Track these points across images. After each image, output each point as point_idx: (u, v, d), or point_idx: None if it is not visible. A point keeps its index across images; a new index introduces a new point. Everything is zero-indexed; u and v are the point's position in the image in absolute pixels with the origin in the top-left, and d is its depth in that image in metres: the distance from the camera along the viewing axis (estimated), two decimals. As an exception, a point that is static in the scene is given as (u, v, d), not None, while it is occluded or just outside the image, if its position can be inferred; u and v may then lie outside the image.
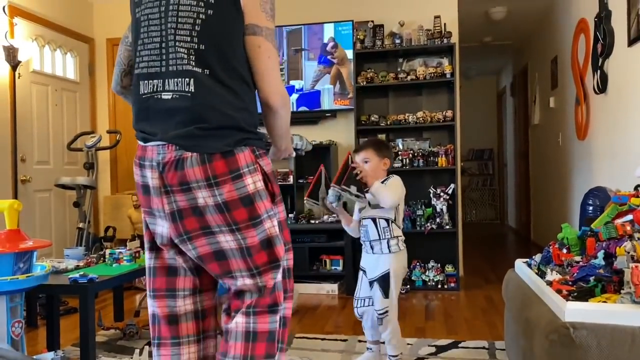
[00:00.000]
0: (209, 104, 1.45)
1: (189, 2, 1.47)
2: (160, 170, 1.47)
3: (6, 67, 4.12)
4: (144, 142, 1.54)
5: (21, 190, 4.28)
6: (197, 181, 1.44)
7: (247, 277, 1.50)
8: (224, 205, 1.44)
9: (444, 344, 2.89)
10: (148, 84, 1.52)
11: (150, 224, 1.57)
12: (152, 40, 1.52)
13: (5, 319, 2.00)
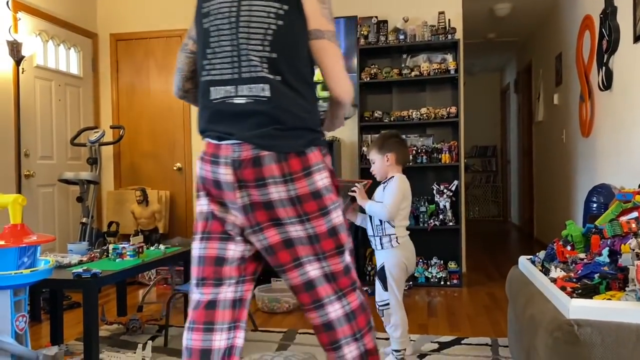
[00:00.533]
0: (283, 107, 1.60)
1: (260, 14, 1.60)
2: (234, 166, 1.59)
3: (10, 62, 4.13)
4: (219, 140, 1.65)
5: (25, 185, 4.29)
6: (273, 177, 1.57)
7: (314, 262, 1.63)
8: (296, 199, 1.59)
9: (447, 341, 2.89)
10: (220, 90, 1.65)
11: (220, 213, 1.68)
12: (223, 49, 1.64)
13: (9, 313, 2.01)
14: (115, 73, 5.31)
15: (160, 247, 3.24)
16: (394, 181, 2.57)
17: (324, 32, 1.65)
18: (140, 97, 5.28)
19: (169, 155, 5.25)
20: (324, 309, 1.64)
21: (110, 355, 2.62)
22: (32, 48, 4.32)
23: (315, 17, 1.64)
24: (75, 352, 2.70)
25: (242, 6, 1.63)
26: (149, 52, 5.25)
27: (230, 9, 1.64)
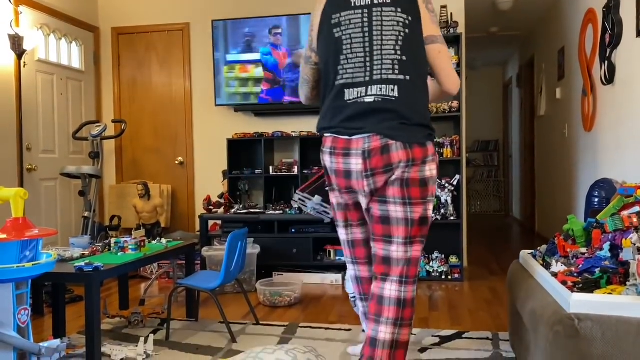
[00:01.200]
0: (410, 105, 1.91)
1: (391, 23, 1.92)
2: (364, 157, 1.91)
3: (11, 56, 4.13)
4: (350, 135, 1.95)
5: (27, 179, 4.30)
6: (400, 162, 1.90)
7: (401, 244, 1.95)
8: (406, 182, 1.91)
9: (448, 335, 2.89)
10: (353, 91, 1.96)
11: (353, 200, 2.07)
12: (356, 55, 1.95)
13: (11, 307, 2.02)
14: (117, 67, 5.31)
15: (162, 241, 3.24)
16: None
17: (437, 37, 1.96)
18: (142, 91, 5.28)
19: (170, 149, 5.25)
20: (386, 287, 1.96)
21: (112, 349, 2.63)
22: (33, 42, 4.32)
23: (429, 25, 1.95)
24: (78, 345, 2.71)
25: (373, 18, 1.93)
26: (151, 46, 5.24)
27: (362, 20, 1.94)
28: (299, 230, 4.31)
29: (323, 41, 2.02)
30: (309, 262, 4.26)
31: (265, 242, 4.23)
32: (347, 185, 2.00)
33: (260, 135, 4.71)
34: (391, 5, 1.92)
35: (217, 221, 4.69)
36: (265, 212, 4.43)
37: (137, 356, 2.57)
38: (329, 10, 2.00)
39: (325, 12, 2.01)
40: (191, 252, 3.34)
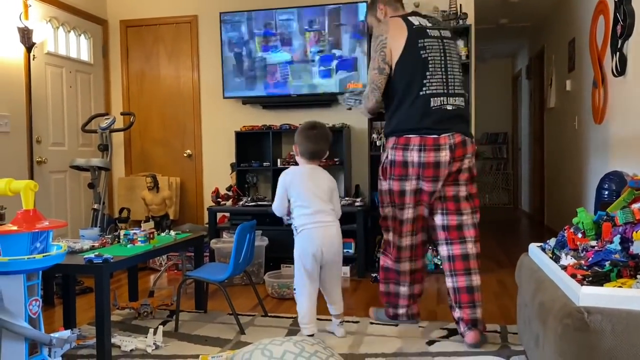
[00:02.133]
0: (468, 112, 2.88)
1: (455, 52, 2.72)
2: (451, 149, 2.58)
3: (21, 49, 4.14)
4: (439, 134, 2.58)
5: (37, 172, 4.33)
6: (470, 154, 2.65)
7: (469, 214, 2.73)
8: (469, 169, 2.67)
9: (456, 328, 2.88)
10: (437, 99, 2.60)
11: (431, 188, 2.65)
12: (437, 72, 2.62)
13: (22, 298, 2.03)
14: (125, 59, 5.32)
15: (171, 233, 3.26)
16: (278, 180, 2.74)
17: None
18: (150, 83, 5.29)
19: (179, 142, 5.26)
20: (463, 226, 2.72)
21: (122, 340, 2.66)
22: (42, 35, 4.33)
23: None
24: (88, 336, 2.74)
25: (445, 46, 2.66)
26: (159, 38, 5.24)
27: (439, 47, 2.64)
28: (307, 223, 4.30)
29: (410, 60, 2.61)
30: (317, 254, 4.26)
31: (273, 234, 4.23)
32: (434, 174, 2.60)
33: (268, 128, 4.70)
34: (452, 39, 2.73)
35: (226, 213, 4.70)
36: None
37: (147, 347, 2.59)
38: (414, 36, 2.62)
39: (411, 37, 2.61)
40: (200, 244, 3.35)
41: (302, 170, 2.69)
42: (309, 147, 2.67)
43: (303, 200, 2.62)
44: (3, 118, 4.04)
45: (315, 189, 2.64)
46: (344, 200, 4.35)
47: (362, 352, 2.55)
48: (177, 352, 2.59)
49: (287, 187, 2.66)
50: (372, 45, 2.70)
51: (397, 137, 2.63)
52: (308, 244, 2.61)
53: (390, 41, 2.61)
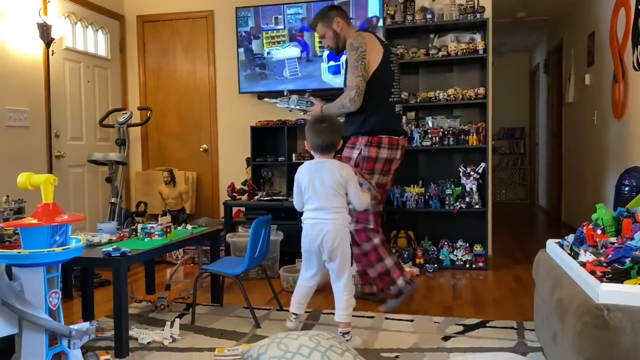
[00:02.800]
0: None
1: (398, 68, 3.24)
2: (402, 148, 3.17)
3: (40, 45, 4.19)
4: (398, 136, 3.14)
5: (56, 166, 4.38)
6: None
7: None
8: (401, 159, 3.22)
9: (472, 323, 2.87)
10: (398, 106, 3.19)
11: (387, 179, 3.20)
12: (397, 84, 3.18)
13: (42, 290, 2.07)
14: (142, 55, 5.35)
15: (188, 227, 3.28)
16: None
17: None
18: (167, 78, 5.32)
19: (195, 136, 5.29)
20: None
21: (139, 332, 2.68)
22: (61, 30, 4.38)
23: None
24: (106, 328, 2.77)
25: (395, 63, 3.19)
26: (175, 33, 5.27)
27: (397, 63, 3.22)
28: (322, 218, 4.31)
29: (384, 72, 3.08)
30: (332, 249, 4.26)
31: (288, 228, 4.24)
32: (392, 168, 3.16)
33: (284, 123, 4.71)
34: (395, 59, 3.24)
35: (241, 208, 4.73)
36: (288, 199, 4.44)
37: (164, 340, 2.62)
38: (387, 52, 3.12)
39: (385, 53, 3.10)
40: (216, 238, 3.37)
41: (309, 166, 2.65)
42: (319, 141, 2.64)
43: (309, 196, 2.62)
44: (22, 113, 4.09)
45: (319, 186, 2.59)
46: (359, 195, 4.34)
47: (377, 348, 2.55)
48: (194, 344, 2.61)
49: (298, 182, 2.67)
50: (352, 55, 3.03)
51: (372, 136, 3.07)
52: (304, 238, 2.66)
53: (369, 53, 3.03)
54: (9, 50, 3.98)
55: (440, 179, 4.44)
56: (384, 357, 2.43)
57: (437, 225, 4.50)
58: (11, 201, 3.49)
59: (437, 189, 4.32)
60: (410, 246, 4.41)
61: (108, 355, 2.27)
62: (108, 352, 2.39)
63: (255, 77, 4.83)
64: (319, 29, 3.27)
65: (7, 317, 2.03)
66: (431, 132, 4.32)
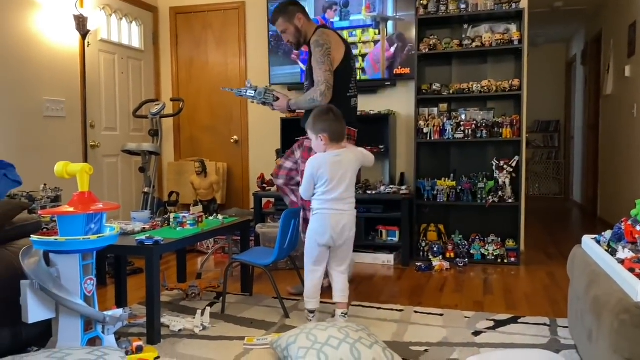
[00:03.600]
0: None
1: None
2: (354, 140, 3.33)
3: (76, 36, 4.28)
4: (355, 128, 3.32)
5: (90, 155, 4.48)
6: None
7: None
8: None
9: (503, 319, 2.83)
10: (355, 100, 3.34)
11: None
12: (354, 79, 3.34)
13: (78, 276, 2.12)
14: (175, 46, 5.41)
15: (219, 217, 3.31)
16: (307, 164, 2.68)
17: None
18: (199, 70, 5.36)
19: (226, 128, 5.33)
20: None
21: (170, 320, 2.73)
22: (96, 22, 4.45)
23: None
24: (139, 315, 2.82)
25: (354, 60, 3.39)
26: (207, 25, 5.30)
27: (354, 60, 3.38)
28: (351, 210, 4.30)
29: (346, 68, 3.24)
30: (360, 241, 4.25)
31: (317, 220, 4.24)
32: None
33: (314, 114, 4.69)
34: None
35: (271, 199, 4.75)
36: (318, 191, 4.44)
37: (195, 328, 2.66)
38: (349, 50, 3.30)
39: (347, 50, 3.27)
40: (246, 228, 3.40)
41: (329, 159, 2.62)
42: (340, 128, 2.68)
43: (329, 188, 2.62)
44: (59, 103, 4.19)
45: (342, 177, 2.62)
46: (388, 188, 4.32)
47: (406, 341, 2.53)
48: (224, 333, 2.65)
49: (314, 171, 2.64)
50: (317, 51, 3.14)
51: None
52: (321, 228, 2.63)
53: (333, 50, 3.17)
54: (47, 42, 4.08)
55: (472, 173, 4.37)
56: (413, 350, 2.41)
57: (468, 219, 4.44)
58: (48, 189, 3.59)
59: (469, 182, 4.26)
60: (441, 240, 4.36)
61: (141, 342, 2.31)
62: (140, 338, 2.43)
63: (292, 68, 4.83)
64: (279, 23, 3.31)
65: (44, 302, 2.09)
66: (464, 125, 4.25)
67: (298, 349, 2.10)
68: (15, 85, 3.81)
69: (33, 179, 3.63)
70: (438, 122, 4.30)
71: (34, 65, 3.96)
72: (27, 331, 2.29)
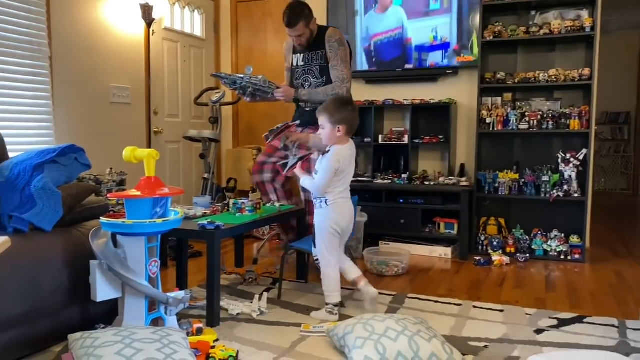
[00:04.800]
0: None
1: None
2: None
3: (142, 25, 4.40)
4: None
5: (154, 141, 4.61)
6: None
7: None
8: None
9: (567, 318, 2.72)
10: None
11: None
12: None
13: (143, 258, 2.18)
14: (235, 34, 5.47)
15: (275, 204, 3.34)
16: (329, 156, 2.64)
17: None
18: (258, 58, 5.41)
19: (283, 116, 5.34)
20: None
21: (229, 303, 2.78)
22: (161, 11, 4.56)
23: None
24: (198, 297, 2.90)
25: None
26: (267, 13, 5.33)
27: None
28: (407, 201, 4.25)
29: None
30: (417, 233, 4.20)
31: (372, 210, 4.21)
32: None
33: (371, 103, 4.65)
34: None
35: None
36: (374, 181, 4.41)
37: (252, 312, 2.70)
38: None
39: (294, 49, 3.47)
40: (302, 216, 3.41)
41: (351, 151, 2.70)
42: (357, 123, 2.74)
43: (346, 178, 2.70)
44: (125, 90, 4.33)
45: (352, 169, 2.75)
46: (447, 179, 4.23)
47: (465, 336, 2.48)
48: (280, 319, 2.67)
49: (337, 168, 2.63)
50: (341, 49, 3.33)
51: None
52: (339, 216, 2.70)
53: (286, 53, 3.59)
54: (114, 31, 4.21)
55: (536, 165, 4.21)
56: (472, 345, 2.36)
57: (530, 213, 4.29)
58: (114, 173, 3.73)
59: (532, 175, 4.10)
60: (501, 234, 4.24)
61: (201, 324, 2.37)
62: (200, 320, 2.50)
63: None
64: (299, 27, 3.34)
65: (112, 282, 2.17)
66: (529, 115, 4.09)
67: (355, 339, 2.10)
68: (84, 73, 3.97)
69: (100, 163, 3.78)
70: (502, 112, 4.16)
71: (101, 53, 4.11)
72: (95, 309, 2.39)
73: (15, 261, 2.03)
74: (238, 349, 2.23)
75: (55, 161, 2.36)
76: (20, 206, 2.22)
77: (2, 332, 2.00)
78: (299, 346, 2.33)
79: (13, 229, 2.18)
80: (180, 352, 1.88)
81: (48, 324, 2.19)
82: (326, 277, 2.72)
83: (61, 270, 2.19)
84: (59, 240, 2.25)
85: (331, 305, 2.70)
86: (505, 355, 2.26)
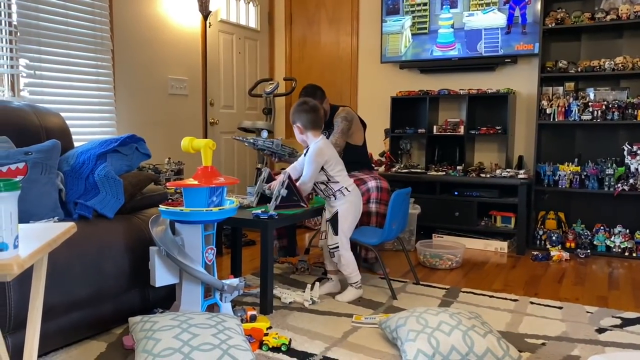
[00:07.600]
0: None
1: None
2: None
3: (198, 17, 4.48)
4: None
5: (210, 132, 4.71)
6: None
7: None
8: None
9: (632, 317, 2.60)
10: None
11: None
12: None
13: (200, 246, 2.24)
14: (289, 26, 5.49)
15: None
16: (309, 153, 2.79)
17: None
18: (311, 49, 5.41)
19: (336, 106, 5.34)
20: None
21: (281, 292, 2.82)
22: (217, 3, 4.63)
23: None
24: (252, 285, 2.95)
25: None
26: (320, 4, 5.32)
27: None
28: (462, 194, 4.16)
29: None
30: (472, 226, 4.11)
31: (426, 202, 4.16)
32: None
33: (425, 93, 4.57)
34: None
35: (379, 179, 4.71)
36: (427, 173, 4.34)
37: (304, 301, 2.72)
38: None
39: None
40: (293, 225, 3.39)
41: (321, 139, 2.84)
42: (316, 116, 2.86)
43: (337, 160, 2.84)
44: (182, 82, 4.43)
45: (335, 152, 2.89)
46: (504, 172, 4.11)
47: (522, 332, 2.41)
48: (332, 309, 2.68)
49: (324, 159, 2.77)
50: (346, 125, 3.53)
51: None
52: (358, 198, 2.90)
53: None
54: (171, 24, 4.31)
55: (599, 157, 4.03)
56: (529, 342, 2.29)
57: (592, 207, 4.11)
58: (172, 162, 3.84)
59: (595, 167, 3.93)
60: (560, 229, 4.09)
61: (254, 311, 2.41)
62: (254, 308, 2.54)
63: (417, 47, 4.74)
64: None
65: (170, 268, 2.24)
66: (592, 105, 3.91)
67: (408, 332, 2.08)
68: (144, 65, 4.09)
69: (158, 152, 3.89)
70: (563, 102, 4.00)
71: (160, 45, 4.22)
72: (153, 294, 2.48)
73: (81, 246, 2.12)
74: (290, 337, 2.26)
75: (117, 150, 2.45)
76: (85, 193, 2.32)
77: (69, 313, 2.10)
78: (351, 337, 2.33)
79: (78, 215, 2.28)
80: (234, 338, 1.92)
81: (110, 307, 2.29)
82: (346, 259, 2.84)
83: (122, 255, 2.28)
84: (121, 226, 2.34)
85: (357, 282, 2.87)
86: (565, 354, 2.18)
